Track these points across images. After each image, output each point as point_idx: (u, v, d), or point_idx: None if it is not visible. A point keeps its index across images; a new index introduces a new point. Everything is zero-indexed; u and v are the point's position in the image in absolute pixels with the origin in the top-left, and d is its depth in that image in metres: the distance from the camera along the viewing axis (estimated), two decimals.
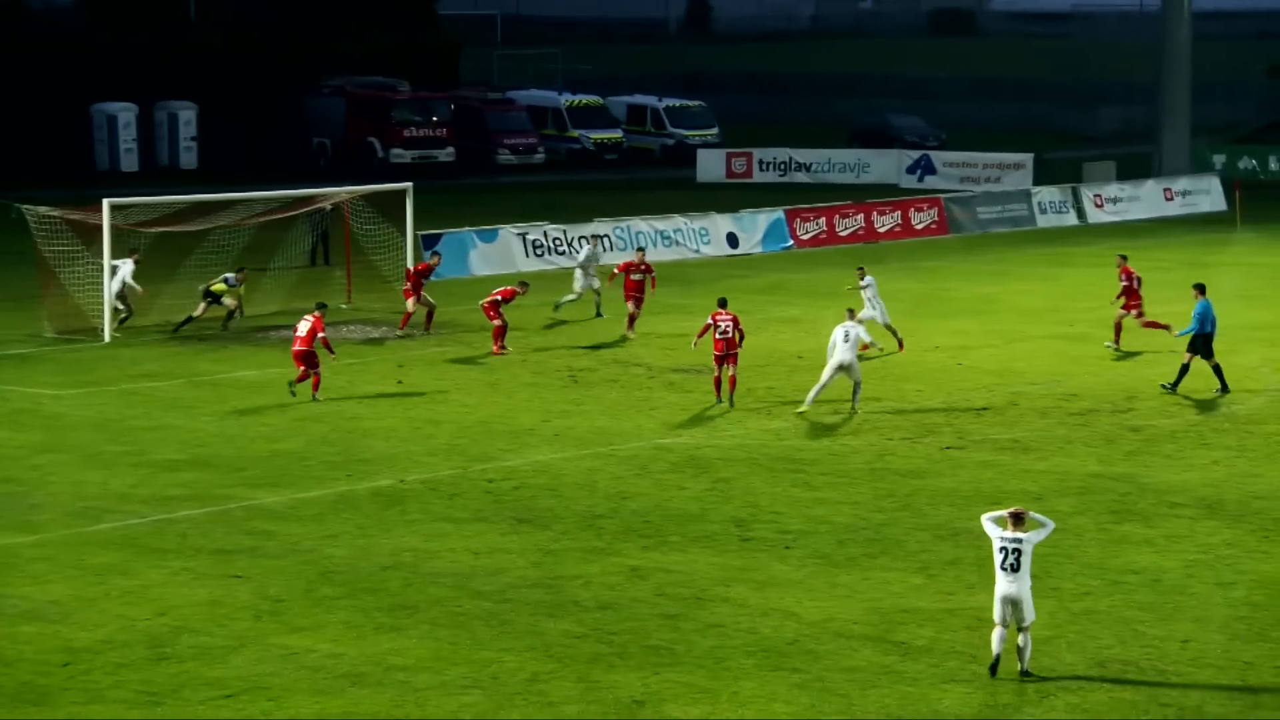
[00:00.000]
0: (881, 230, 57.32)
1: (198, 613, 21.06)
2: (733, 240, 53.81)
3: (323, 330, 32.42)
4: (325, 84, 74.47)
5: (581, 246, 43.53)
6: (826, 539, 24.26)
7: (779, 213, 55.39)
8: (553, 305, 41.08)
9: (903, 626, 20.84)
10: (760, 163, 73.23)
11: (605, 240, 51.10)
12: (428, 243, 46.62)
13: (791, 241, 54.51)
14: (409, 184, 43.74)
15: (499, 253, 48.66)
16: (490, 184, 70.46)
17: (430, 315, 39.28)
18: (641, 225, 52.14)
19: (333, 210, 45.11)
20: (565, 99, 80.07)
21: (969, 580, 22.45)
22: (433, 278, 39.99)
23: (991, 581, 19.52)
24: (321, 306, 33.54)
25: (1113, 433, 30.58)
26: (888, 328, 37.04)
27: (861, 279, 37.42)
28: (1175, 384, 33.04)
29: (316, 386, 32.32)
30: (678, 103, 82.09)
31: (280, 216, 42.70)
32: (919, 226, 58.32)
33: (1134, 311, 37.00)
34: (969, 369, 35.92)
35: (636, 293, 39.30)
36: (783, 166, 73.05)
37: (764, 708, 18.58)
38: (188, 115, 72.37)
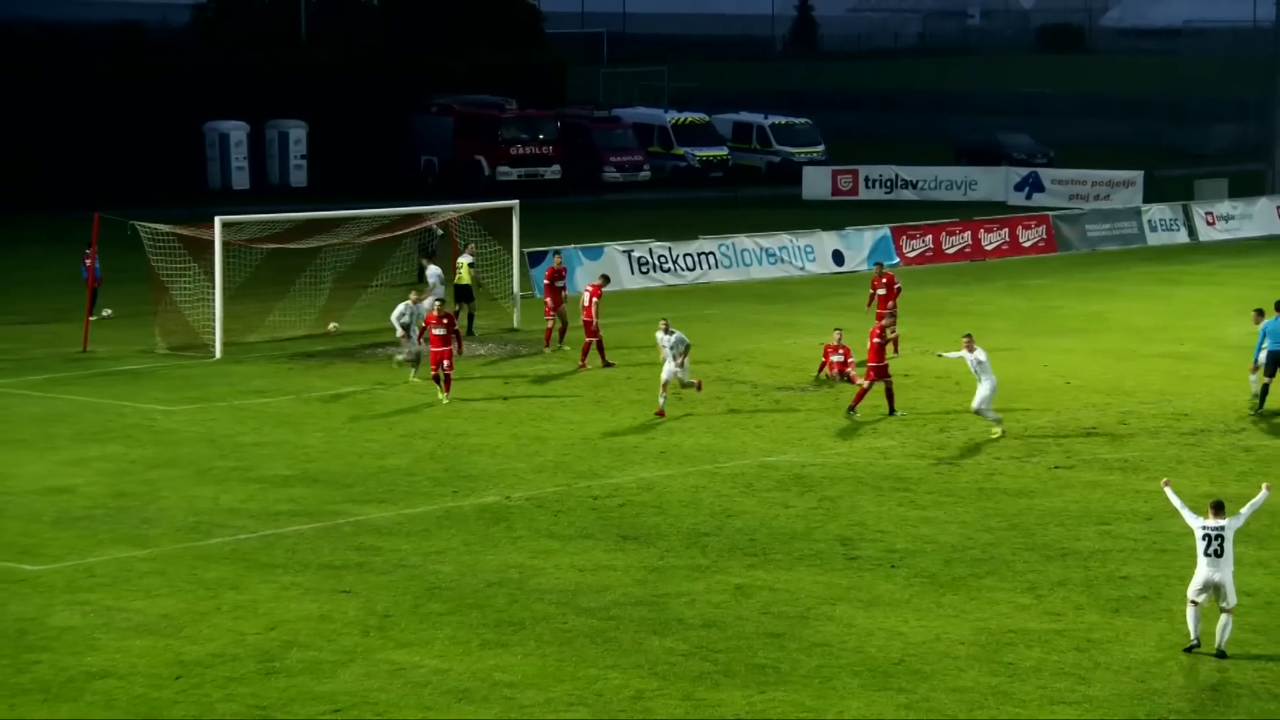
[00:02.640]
0: (989, 248, 56.96)
1: (307, 627, 21.25)
2: (838, 258, 53.65)
3: (430, 323, 33.87)
4: (433, 102, 75.02)
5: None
6: (933, 558, 24.13)
7: (885, 230, 55.19)
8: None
9: (1010, 647, 20.69)
10: (866, 180, 72.97)
11: (710, 258, 51.14)
12: (533, 260, 46.83)
13: (898, 259, 54.26)
14: (515, 202, 43.94)
15: (605, 270, 48.74)
16: (596, 201, 70.68)
17: (563, 330, 39.40)
18: (746, 243, 52.11)
19: (442, 230, 45.39)
20: (671, 116, 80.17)
21: (1077, 601, 22.25)
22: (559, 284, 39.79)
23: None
24: (439, 301, 34.59)
25: (1225, 453, 30.21)
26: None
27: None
28: (1260, 406, 32.75)
29: (447, 386, 33.65)
30: (783, 120, 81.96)
31: (390, 236, 43.04)
32: (1027, 244, 57.91)
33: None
34: (1077, 388, 35.61)
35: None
36: (889, 184, 72.76)
37: None
38: (298, 134, 73.11)
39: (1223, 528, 20.33)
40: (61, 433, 31.30)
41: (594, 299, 37.49)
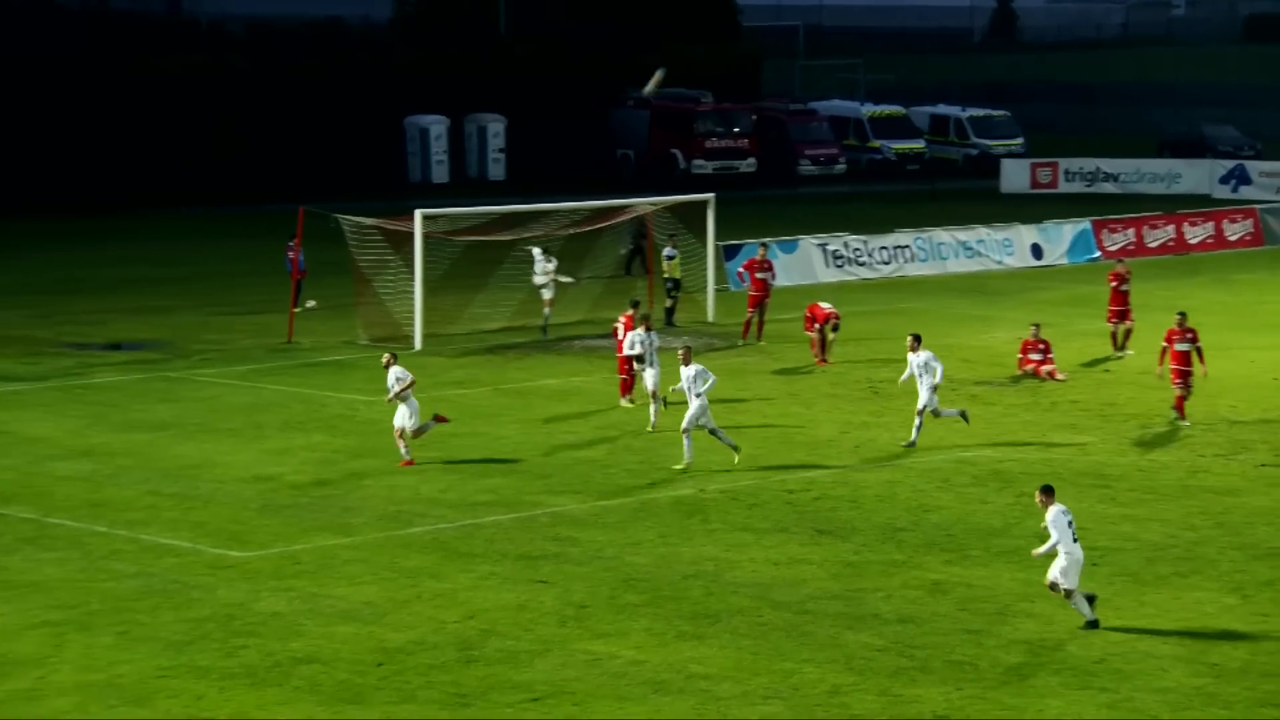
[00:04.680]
0: (1193, 242, 55.87)
1: (505, 617, 21.48)
2: (1037, 251, 52.99)
3: (621, 334, 32.69)
4: (629, 96, 75.38)
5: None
6: (1135, 556, 23.75)
7: (1085, 223, 54.39)
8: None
9: (1216, 648, 20.30)
10: (1066, 173, 71.97)
11: (906, 251, 50.77)
12: (729, 253, 46.86)
13: (1098, 253, 53.47)
14: (711, 195, 44.00)
15: (799, 263, 48.70)
16: (791, 195, 70.51)
17: (761, 325, 39.32)
18: (943, 236, 51.67)
19: (636, 240, 45.41)
20: (867, 109, 79.73)
21: None
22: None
23: None
24: (634, 304, 33.89)
25: None
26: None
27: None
28: None
29: (626, 390, 32.74)
30: (981, 112, 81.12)
31: (587, 229, 43.31)
32: (1233, 238, 56.71)
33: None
34: None
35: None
36: (1090, 177, 71.70)
37: None
38: (496, 127, 73.87)
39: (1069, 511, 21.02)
40: (268, 422, 31.94)
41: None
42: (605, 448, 29.90)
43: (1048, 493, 21.03)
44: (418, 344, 38.75)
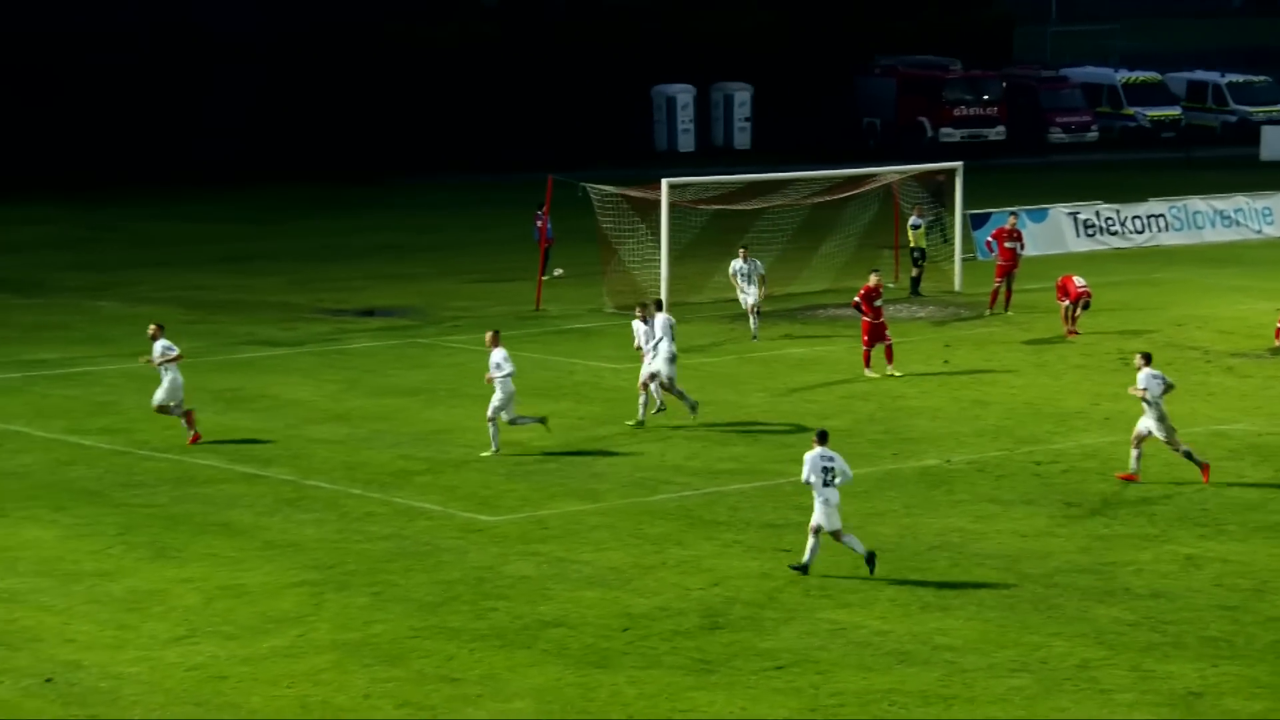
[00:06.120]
0: None
1: (749, 585, 21.57)
2: None
3: (861, 295, 32.65)
4: (877, 64, 74.86)
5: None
6: None
7: None
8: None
9: None
10: None
11: (1160, 220, 49.70)
12: (976, 222, 46.31)
13: None
14: (959, 163, 43.51)
15: (1049, 232, 47.94)
16: (1041, 163, 69.43)
17: (1009, 295, 38.87)
18: (1199, 205, 50.48)
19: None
20: (1121, 76, 78.13)
21: None
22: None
23: None
24: (875, 272, 33.74)
25: None
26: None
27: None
28: None
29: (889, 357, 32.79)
30: (1241, 78, 78.99)
31: (834, 198, 43.09)
32: None
33: None
34: None
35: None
36: None
37: None
38: (743, 96, 73.88)
39: (834, 458, 21.38)
40: (515, 388, 32.30)
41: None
42: (849, 418, 29.80)
43: (820, 437, 21.59)
44: None
